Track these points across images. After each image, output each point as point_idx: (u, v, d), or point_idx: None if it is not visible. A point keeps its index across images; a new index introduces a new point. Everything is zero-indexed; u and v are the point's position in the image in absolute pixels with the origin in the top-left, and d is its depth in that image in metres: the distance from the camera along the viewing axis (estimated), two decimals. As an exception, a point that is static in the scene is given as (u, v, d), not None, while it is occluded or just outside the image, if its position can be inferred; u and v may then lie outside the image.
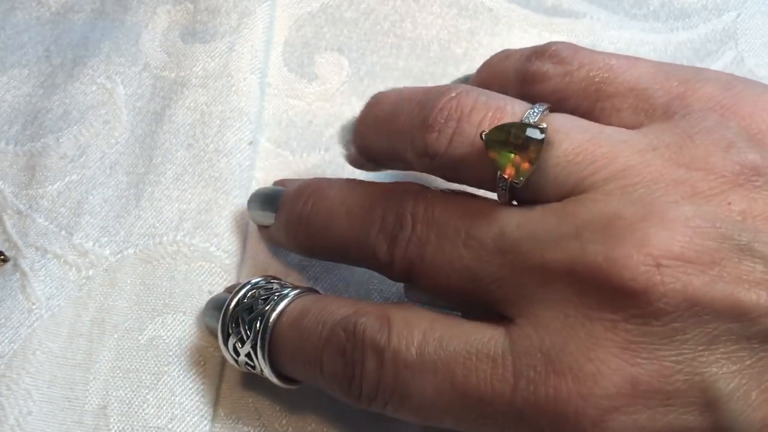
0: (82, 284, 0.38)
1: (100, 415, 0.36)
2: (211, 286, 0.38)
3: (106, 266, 0.38)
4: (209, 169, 0.40)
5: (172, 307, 0.37)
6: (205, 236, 0.39)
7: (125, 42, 0.44)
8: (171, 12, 0.45)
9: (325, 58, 0.45)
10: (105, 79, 0.43)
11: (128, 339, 0.37)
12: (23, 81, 0.43)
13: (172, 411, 0.36)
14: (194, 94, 0.42)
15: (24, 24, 0.45)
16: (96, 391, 0.36)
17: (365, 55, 0.45)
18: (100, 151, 0.41)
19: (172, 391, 0.36)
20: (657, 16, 0.46)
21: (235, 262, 0.39)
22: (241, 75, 0.43)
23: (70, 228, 0.39)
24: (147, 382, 0.36)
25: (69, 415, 0.36)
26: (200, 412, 0.36)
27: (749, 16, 0.46)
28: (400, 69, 0.44)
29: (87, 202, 0.40)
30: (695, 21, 0.45)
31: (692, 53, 0.45)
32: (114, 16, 0.45)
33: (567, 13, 0.46)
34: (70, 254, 0.39)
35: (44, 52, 0.44)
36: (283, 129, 0.43)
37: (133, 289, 0.38)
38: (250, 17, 0.44)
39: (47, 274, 0.38)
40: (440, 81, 0.44)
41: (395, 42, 0.45)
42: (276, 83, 0.44)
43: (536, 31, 0.45)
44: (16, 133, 0.42)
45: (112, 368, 0.36)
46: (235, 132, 0.41)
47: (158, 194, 0.40)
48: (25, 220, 0.39)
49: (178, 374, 0.36)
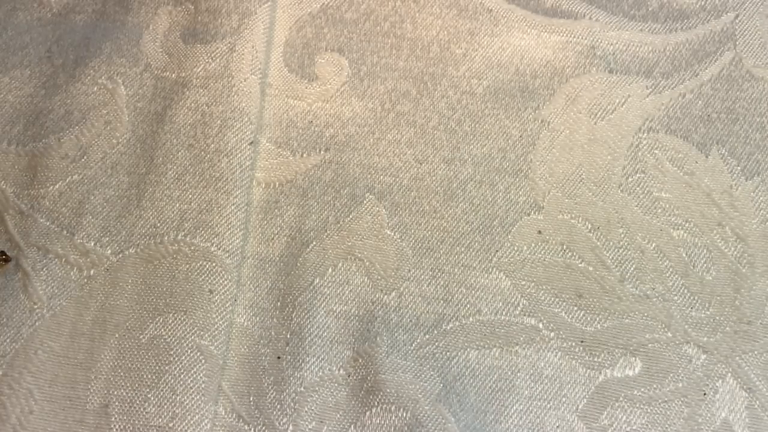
0: (83, 284, 0.38)
1: (101, 413, 0.36)
2: (212, 285, 0.38)
3: (108, 266, 0.39)
4: (210, 169, 0.41)
5: (173, 307, 0.38)
6: (205, 236, 0.39)
7: (126, 43, 0.44)
8: (172, 13, 0.45)
9: (325, 59, 0.45)
10: (106, 79, 0.43)
11: (129, 338, 0.37)
12: (25, 81, 0.44)
13: (173, 410, 0.36)
14: (195, 94, 0.42)
15: (26, 25, 0.45)
16: (97, 390, 0.36)
17: (365, 56, 0.45)
18: (102, 152, 0.41)
19: (173, 390, 0.36)
20: (656, 16, 0.46)
21: (235, 261, 0.39)
22: (241, 75, 0.43)
23: (72, 228, 0.39)
24: (148, 380, 0.36)
25: (70, 413, 0.36)
26: (201, 410, 0.36)
27: (747, 17, 0.46)
28: (400, 69, 0.45)
29: (88, 202, 0.40)
30: (694, 22, 0.46)
31: (691, 54, 0.45)
32: (115, 17, 0.45)
33: (566, 13, 0.46)
34: (71, 254, 0.39)
35: (46, 52, 0.44)
36: (284, 129, 0.43)
37: (134, 289, 0.38)
38: (251, 18, 0.44)
39: (49, 274, 0.38)
40: (440, 81, 0.44)
41: (395, 43, 0.45)
42: (276, 84, 0.44)
43: (535, 32, 0.45)
44: (18, 134, 0.42)
45: (114, 367, 0.37)
46: (235, 132, 0.41)
47: (159, 194, 0.40)
48: (26, 220, 0.40)
49: (179, 373, 0.36)
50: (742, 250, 0.40)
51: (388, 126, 0.43)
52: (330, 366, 0.38)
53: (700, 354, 0.38)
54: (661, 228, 0.41)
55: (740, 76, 0.44)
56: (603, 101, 0.43)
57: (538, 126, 0.43)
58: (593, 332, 0.38)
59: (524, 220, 0.41)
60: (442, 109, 0.43)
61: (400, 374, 0.37)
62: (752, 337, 0.39)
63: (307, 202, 0.41)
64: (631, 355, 0.38)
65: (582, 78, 0.44)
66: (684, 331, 0.39)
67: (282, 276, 0.39)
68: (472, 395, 0.37)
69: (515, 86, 0.44)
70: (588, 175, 0.42)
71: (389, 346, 0.38)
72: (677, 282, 0.40)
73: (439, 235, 0.40)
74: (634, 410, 0.37)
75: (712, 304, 0.39)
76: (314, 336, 0.38)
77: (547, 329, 0.39)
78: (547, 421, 0.37)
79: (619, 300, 0.39)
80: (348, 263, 0.40)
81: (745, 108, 0.44)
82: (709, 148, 0.43)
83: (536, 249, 0.40)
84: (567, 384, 0.38)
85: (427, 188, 0.41)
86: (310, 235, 0.40)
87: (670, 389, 0.38)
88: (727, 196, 0.41)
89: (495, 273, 0.40)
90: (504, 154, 0.42)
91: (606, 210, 0.41)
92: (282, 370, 0.37)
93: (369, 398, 0.37)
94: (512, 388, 0.38)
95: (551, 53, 0.45)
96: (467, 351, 0.38)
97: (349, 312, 0.39)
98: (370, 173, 0.42)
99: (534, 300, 0.39)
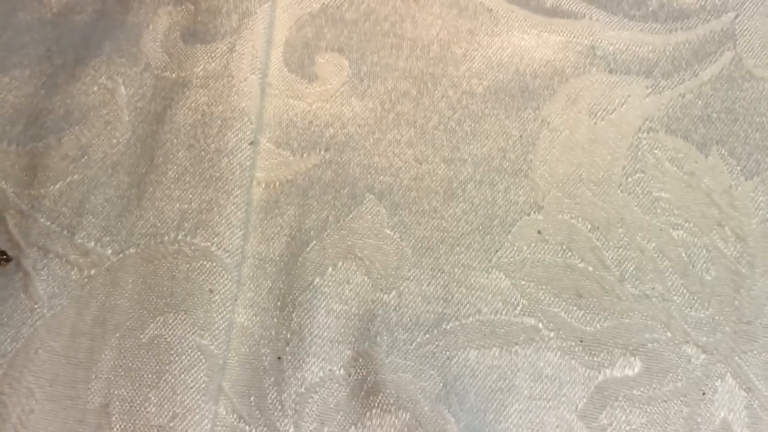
0: (84, 283, 0.38)
1: (102, 413, 0.36)
2: (212, 285, 0.38)
3: (108, 265, 0.39)
4: (210, 169, 0.41)
5: (174, 306, 0.38)
6: (206, 236, 0.39)
7: (126, 42, 0.44)
8: (172, 13, 0.45)
9: (325, 59, 0.45)
10: (106, 79, 0.43)
11: (130, 338, 0.37)
12: (25, 81, 0.44)
13: (174, 409, 0.36)
14: (195, 94, 0.42)
15: (26, 24, 0.45)
16: (98, 390, 0.36)
17: (365, 56, 0.45)
18: (102, 152, 0.41)
19: (174, 390, 0.36)
20: (656, 16, 0.46)
21: (235, 261, 0.39)
22: (241, 75, 0.43)
23: (72, 228, 0.39)
24: (148, 380, 0.36)
25: (71, 413, 0.36)
26: (201, 410, 0.36)
27: (748, 17, 0.46)
28: (400, 69, 0.45)
29: (89, 202, 0.40)
30: (694, 22, 0.46)
31: (691, 54, 0.45)
32: (115, 16, 0.45)
33: (566, 13, 0.46)
34: (72, 254, 0.39)
35: (46, 52, 0.44)
36: (284, 129, 0.43)
37: (134, 288, 0.38)
38: (251, 18, 0.44)
39: (49, 274, 0.38)
40: (440, 81, 0.44)
41: (395, 42, 0.45)
42: (276, 83, 0.44)
43: (536, 31, 0.45)
44: (18, 134, 0.42)
45: (114, 367, 0.37)
46: (235, 132, 0.41)
47: (159, 194, 0.40)
48: (27, 220, 0.40)
49: (179, 373, 0.36)
50: (741, 250, 0.40)
51: (388, 126, 0.43)
52: (330, 366, 0.38)
53: (700, 354, 0.38)
54: (661, 228, 0.41)
55: (740, 76, 0.44)
56: (603, 101, 0.43)
57: (538, 126, 0.43)
58: (593, 332, 0.39)
59: (524, 220, 0.41)
60: (442, 109, 0.43)
61: (400, 374, 0.37)
62: (752, 337, 0.39)
63: (307, 202, 0.41)
64: (630, 355, 0.38)
65: (582, 78, 0.44)
66: (683, 330, 0.39)
67: (282, 275, 0.40)
68: (471, 395, 0.37)
69: (515, 86, 0.44)
70: (588, 175, 0.42)
71: (389, 346, 0.38)
72: (677, 282, 0.40)
73: (439, 234, 0.40)
74: (634, 410, 0.37)
75: (711, 304, 0.39)
76: (314, 336, 0.38)
77: (546, 329, 0.39)
78: (546, 420, 0.37)
79: (618, 300, 0.39)
80: (348, 262, 0.40)
81: (745, 108, 0.44)
82: (709, 148, 0.43)
83: (536, 249, 0.40)
84: (567, 384, 0.38)
85: (427, 188, 0.41)
86: (310, 235, 0.40)
87: (669, 389, 0.38)
88: (727, 196, 0.42)
89: (495, 273, 0.40)
90: (504, 154, 0.42)
91: (606, 210, 0.41)
92: (282, 370, 0.37)
93: (369, 399, 0.37)
94: (512, 388, 0.38)
95: (551, 53, 0.45)
96: (467, 351, 0.38)
97: (349, 311, 0.39)
98: (370, 173, 0.42)
99: (534, 300, 0.39)
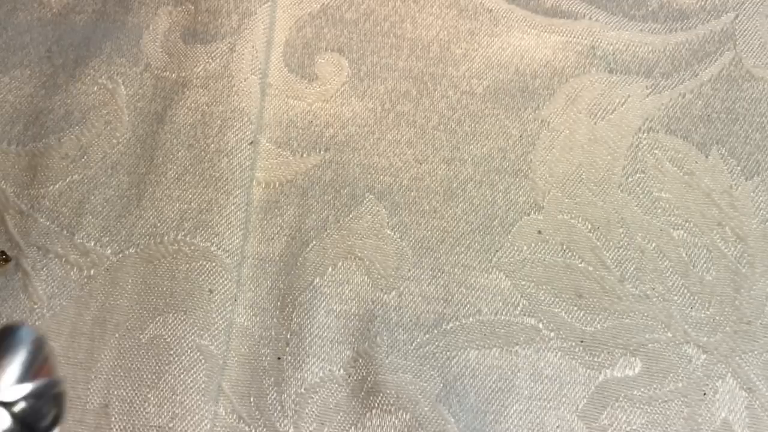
0: (83, 283, 0.38)
1: (101, 413, 0.36)
2: (212, 285, 0.38)
3: (108, 265, 0.39)
4: (210, 169, 0.41)
5: (173, 306, 0.38)
6: (206, 236, 0.39)
7: (126, 43, 0.44)
8: (172, 13, 0.45)
9: (325, 59, 0.45)
10: (106, 79, 0.43)
11: (129, 338, 0.37)
12: (25, 81, 0.44)
13: (173, 410, 0.36)
14: (195, 94, 0.42)
15: (26, 25, 0.45)
16: (97, 390, 0.36)
17: (365, 56, 0.45)
18: (102, 152, 0.41)
19: (173, 390, 0.36)
20: (656, 17, 0.46)
21: (235, 261, 0.39)
22: (241, 75, 0.43)
23: (72, 228, 0.39)
24: (148, 380, 0.36)
25: (71, 413, 0.36)
26: (201, 410, 0.36)
27: (747, 17, 0.46)
28: (400, 69, 0.45)
29: (88, 202, 0.40)
30: (694, 22, 0.46)
31: (691, 54, 0.45)
32: (115, 17, 0.45)
33: (566, 14, 0.46)
34: (71, 254, 0.39)
35: (46, 52, 0.44)
36: (284, 129, 0.43)
37: (134, 289, 0.38)
38: (251, 18, 0.44)
39: (49, 274, 0.38)
40: (440, 81, 0.44)
41: (395, 43, 0.45)
42: (276, 84, 0.44)
43: (535, 32, 0.45)
44: (18, 134, 0.42)
45: (114, 367, 0.37)
46: (235, 132, 0.41)
47: (159, 194, 0.40)
48: (27, 220, 0.40)
49: (179, 373, 0.36)
50: (741, 250, 0.40)
51: (388, 126, 0.43)
52: (330, 366, 0.38)
53: (700, 354, 0.38)
54: (661, 228, 0.41)
55: (740, 76, 0.44)
56: (603, 101, 0.43)
57: (538, 126, 0.43)
58: (593, 332, 0.39)
59: (524, 220, 0.41)
60: (442, 109, 0.43)
61: (400, 374, 0.37)
62: (752, 337, 0.39)
63: (307, 202, 0.41)
64: (631, 355, 0.38)
65: (582, 78, 0.44)
66: (684, 331, 0.39)
67: (282, 275, 0.39)
68: (471, 395, 0.37)
69: (515, 86, 0.44)
70: (588, 175, 0.42)
71: (389, 346, 0.38)
72: (677, 282, 0.40)
73: (439, 235, 0.40)
74: (634, 410, 0.37)
75: (711, 304, 0.39)
76: (314, 336, 0.38)
77: (547, 329, 0.39)
78: (547, 421, 0.37)
79: (619, 300, 0.39)
80: (348, 262, 0.40)
81: (745, 108, 0.44)
82: (709, 148, 0.43)
83: (536, 249, 0.40)
84: (567, 384, 0.38)
85: (427, 188, 0.41)
86: (310, 235, 0.40)
87: (669, 389, 0.38)
88: (727, 196, 0.42)
89: (495, 273, 0.40)
90: (504, 154, 0.42)
91: (606, 210, 0.41)
92: (282, 370, 0.37)
93: (369, 399, 0.37)
94: (512, 388, 0.38)
95: (551, 53, 0.45)
96: (467, 351, 0.38)
97: (349, 311, 0.39)
98: (370, 173, 0.42)
99: (534, 300, 0.39)
